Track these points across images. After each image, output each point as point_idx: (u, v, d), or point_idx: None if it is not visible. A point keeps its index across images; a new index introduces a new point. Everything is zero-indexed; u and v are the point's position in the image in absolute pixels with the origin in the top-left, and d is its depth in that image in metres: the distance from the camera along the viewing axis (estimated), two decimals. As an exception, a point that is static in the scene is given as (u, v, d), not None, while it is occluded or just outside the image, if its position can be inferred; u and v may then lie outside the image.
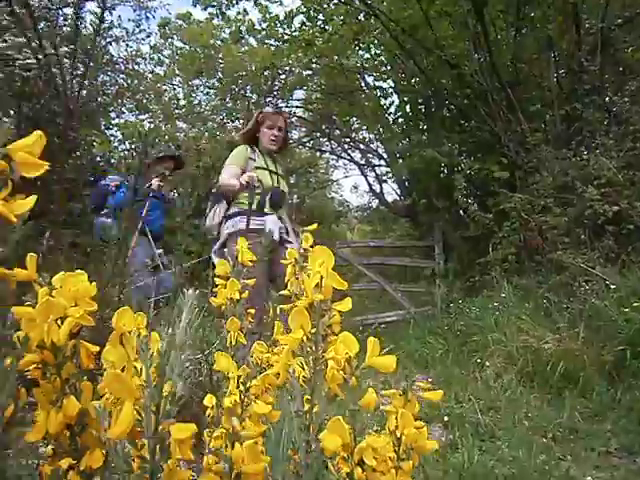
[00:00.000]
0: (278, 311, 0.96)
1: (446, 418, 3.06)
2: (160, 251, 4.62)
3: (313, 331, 0.62)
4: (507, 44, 6.81)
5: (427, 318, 6.35)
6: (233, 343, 1.07)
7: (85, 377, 0.64)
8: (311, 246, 0.93)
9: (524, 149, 6.05)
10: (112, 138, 9.20)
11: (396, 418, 0.67)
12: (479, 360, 4.17)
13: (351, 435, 0.59)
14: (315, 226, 1.03)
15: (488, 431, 2.92)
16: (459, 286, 6.36)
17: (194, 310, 0.61)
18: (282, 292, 0.96)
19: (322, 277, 0.62)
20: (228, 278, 1.12)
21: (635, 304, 3.47)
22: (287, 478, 0.74)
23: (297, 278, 0.90)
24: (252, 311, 1.11)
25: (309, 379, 0.62)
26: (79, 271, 0.67)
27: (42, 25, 7.37)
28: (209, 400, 1.01)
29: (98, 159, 8.26)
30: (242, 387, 0.86)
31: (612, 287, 3.91)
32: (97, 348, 0.64)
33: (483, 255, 5.83)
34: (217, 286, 1.14)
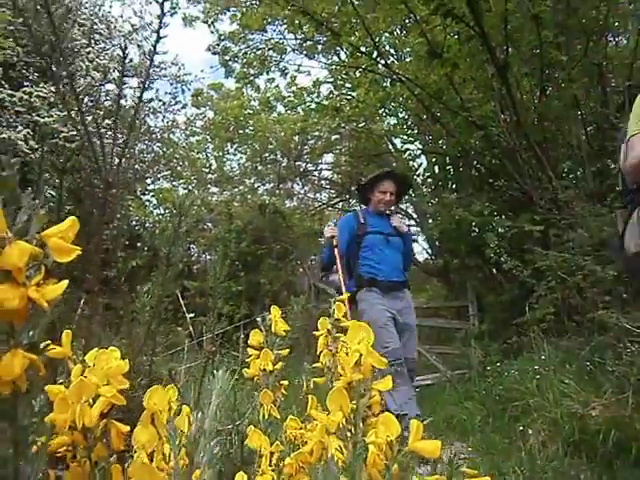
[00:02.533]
0: (312, 385, 0.93)
1: (489, 492, 2.87)
2: (402, 305, 3.55)
3: (352, 413, 0.59)
4: (533, 104, 6.88)
5: (463, 381, 6.11)
6: (266, 417, 1.04)
7: (115, 458, 0.62)
8: (343, 315, 0.91)
9: (556, 206, 5.98)
10: (147, 203, 9.52)
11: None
12: (521, 427, 3.95)
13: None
14: (347, 295, 1.01)
15: (536, 508, 2.72)
16: (496, 348, 6.14)
17: (223, 393, 0.59)
18: (315, 365, 0.93)
19: (361, 355, 0.59)
20: (261, 348, 1.10)
21: (687, 368, 3.27)
22: None
23: (330, 350, 0.88)
24: (285, 383, 1.08)
25: (349, 464, 0.58)
26: (112, 347, 0.66)
27: (86, 100, 7.85)
28: (240, 478, 0.97)
29: (134, 223, 8.52)
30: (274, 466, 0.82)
31: (661, 349, 3.71)
32: (127, 428, 0.62)
33: (519, 315, 5.65)
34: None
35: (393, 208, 3.92)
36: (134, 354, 1.40)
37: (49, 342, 0.66)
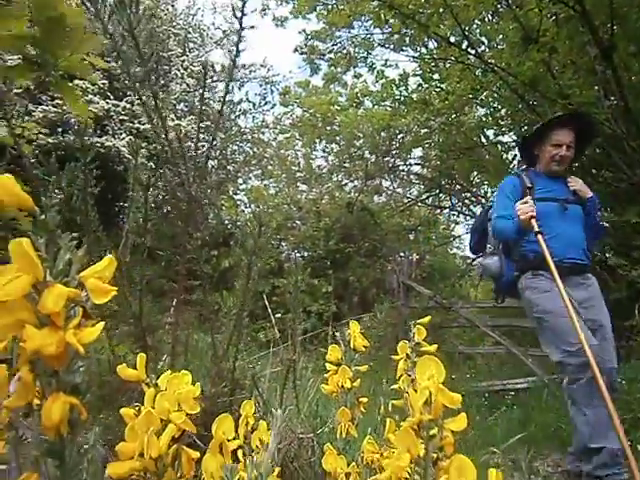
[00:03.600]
0: (390, 407, 0.90)
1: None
2: (586, 295, 2.67)
3: (422, 454, 0.55)
4: (643, 86, 6.31)
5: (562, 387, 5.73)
6: (343, 435, 1.02)
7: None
8: (424, 339, 0.87)
9: (671, 198, 5.45)
10: (240, 202, 9.88)
11: None
12: (630, 442, 3.63)
13: None
14: (428, 319, 0.97)
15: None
16: (600, 352, 5.71)
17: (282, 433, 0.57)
18: (393, 386, 0.90)
19: (431, 394, 0.55)
20: (339, 364, 1.08)
21: None
22: None
23: (409, 375, 0.84)
24: (364, 400, 1.06)
25: (419, 509, 0.55)
26: (184, 371, 0.67)
27: (181, 106, 8.27)
28: (317, 497, 0.96)
29: (226, 222, 8.88)
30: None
31: None
32: (197, 454, 0.63)
33: (627, 318, 5.22)
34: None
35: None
36: (218, 360, 1.44)
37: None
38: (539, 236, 2.61)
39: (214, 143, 1.81)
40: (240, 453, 0.83)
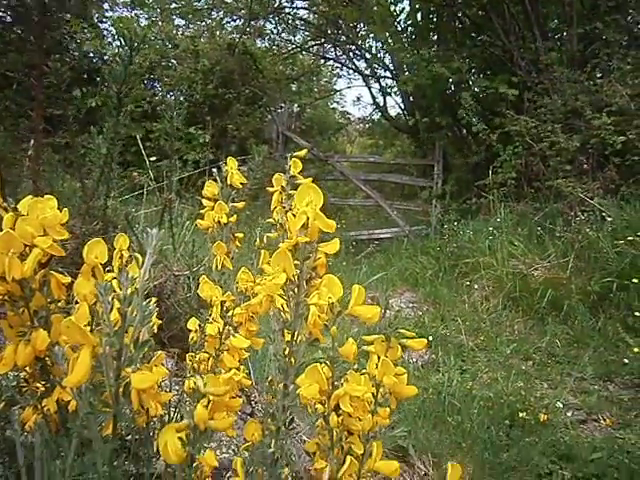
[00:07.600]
0: (265, 240, 0.93)
1: (430, 338, 3.15)
2: None
3: (296, 274, 0.58)
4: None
5: (421, 237, 6.39)
6: (219, 268, 1.05)
7: (56, 308, 0.61)
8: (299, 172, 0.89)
9: (536, 69, 5.79)
10: (105, 33, 8.71)
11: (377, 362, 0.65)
12: (468, 283, 4.24)
13: (329, 381, 0.57)
14: (305, 152, 0.97)
15: (470, 353, 3.02)
16: (455, 207, 6.33)
17: (158, 251, 0.57)
18: (268, 220, 0.92)
19: (309, 218, 0.58)
20: (216, 200, 1.07)
21: (629, 237, 3.47)
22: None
23: (283, 206, 0.86)
24: (239, 235, 1.08)
25: (290, 322, 0.59)
26: (48, 196, 0.62)
27: None
28: (192, 324, 1.00)
29: (91, 55, 7.88)
30: (224, 318, 0.85)
31: (608, 219, 3.90)
32: (68, 279, 0.61)
33: (482, 178, 5.75)
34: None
35: None
36: (87, 198, 1.36)
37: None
38: None
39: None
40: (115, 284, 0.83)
